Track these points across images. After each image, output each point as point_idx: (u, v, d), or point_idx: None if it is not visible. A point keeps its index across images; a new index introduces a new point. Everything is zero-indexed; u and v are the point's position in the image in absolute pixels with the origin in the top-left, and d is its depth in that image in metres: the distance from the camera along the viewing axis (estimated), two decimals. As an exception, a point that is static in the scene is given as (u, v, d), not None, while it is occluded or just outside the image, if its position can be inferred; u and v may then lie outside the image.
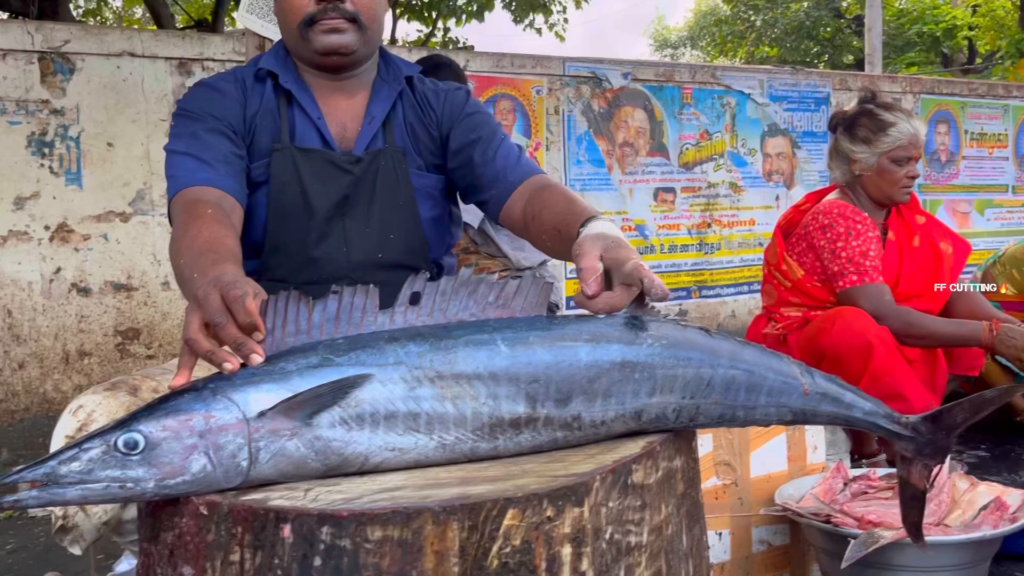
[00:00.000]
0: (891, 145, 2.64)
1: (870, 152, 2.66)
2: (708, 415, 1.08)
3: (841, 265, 2.58)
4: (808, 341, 2.58)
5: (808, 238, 2.69)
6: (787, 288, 2.75)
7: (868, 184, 2.70)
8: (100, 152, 4.11)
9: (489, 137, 1.60)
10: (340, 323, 1.01)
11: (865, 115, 2.71)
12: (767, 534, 1.89)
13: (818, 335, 2.52)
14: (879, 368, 2.40)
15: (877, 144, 2.65)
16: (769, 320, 2.83)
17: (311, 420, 0.95)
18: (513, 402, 1.00)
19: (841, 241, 2.59)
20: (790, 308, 2.75)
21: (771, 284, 2.84)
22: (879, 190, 2.69)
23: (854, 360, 2.42)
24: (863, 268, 2.55)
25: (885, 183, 2.67)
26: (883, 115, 2.68)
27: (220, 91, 1.58)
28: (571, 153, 5.48)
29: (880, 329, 2.44)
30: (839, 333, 2.45)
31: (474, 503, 0.84)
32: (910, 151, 2.65)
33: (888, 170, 2.65)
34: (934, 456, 1.17)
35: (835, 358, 2.46)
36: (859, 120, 2.71)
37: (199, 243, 1.25)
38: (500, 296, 1.06)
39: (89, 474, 0.91)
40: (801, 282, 2.71)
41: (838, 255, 2.59)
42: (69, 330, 4.08)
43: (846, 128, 2.74)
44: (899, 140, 2.64)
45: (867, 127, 2.69)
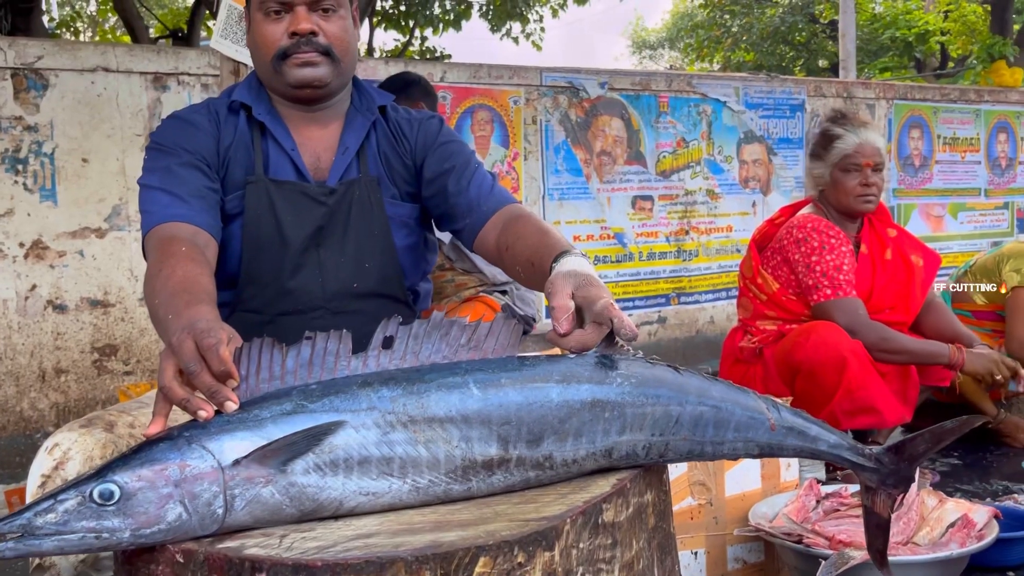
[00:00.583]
0: (838, 156, 2.73)
1: (823, 166, 2.77)
2: (677, 451, 1.11)
3: (815, 279, 2.62)
4: (783, 355, 2.62)
5: (783, 252, 2.73)
6: (762, 301, 2.79)
7: (830, 197, 2.78)
8: (75, 168, 4.08)
9: (463, 166, 1.62)
10: (314, 368, 1.03)
11: (820, 133, 2.83)
12: (742, 552, 1.92)
13: (793, 349, 2.56)
14: (853, 382, 2.44)
15: (827, 157, 2.76)
16: (745, 333, 2.86)
17: (285, 467, 0.96)
18: (485, 444, 1.01)
19: (815, 255, 2.64)
20: (766, 321, 2.79)
21: (747, 297, 2.88)
22: (839, 201, 2.76)
23: (828, 374, 2.46)
24: (837, 282, 2.60)
25: (841, 193, 2.74)
26: (833, 130, 2.78)
27: (193, 124, 1.59)
28: (549, 162, 5.51)
29: (854, 343, 2.48)
30: (814, 347, 2.49)
31: (446, 552, 0.85)
32: (858, 159, 2.71)
33: (840, 180, 2.73)
34: (897, 485, 1.20)
35: (810, 372, 2.50)
36: (815, 139, 2.84)
37: (173, 282, 1.26)
38: (472, 338, 1.07)
39: (65, 525, 0.92)
40: (776, 295, 2.75)
41: (812, 269, 2.63)
42: (45, 347, 4.05)
43: (808, 148, 2.88)
44: (844, 150, 2.72)
45: (818, 143, 2.81)
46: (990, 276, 3.19)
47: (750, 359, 2.79)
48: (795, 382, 2.57)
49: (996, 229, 7.43)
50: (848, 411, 2.45)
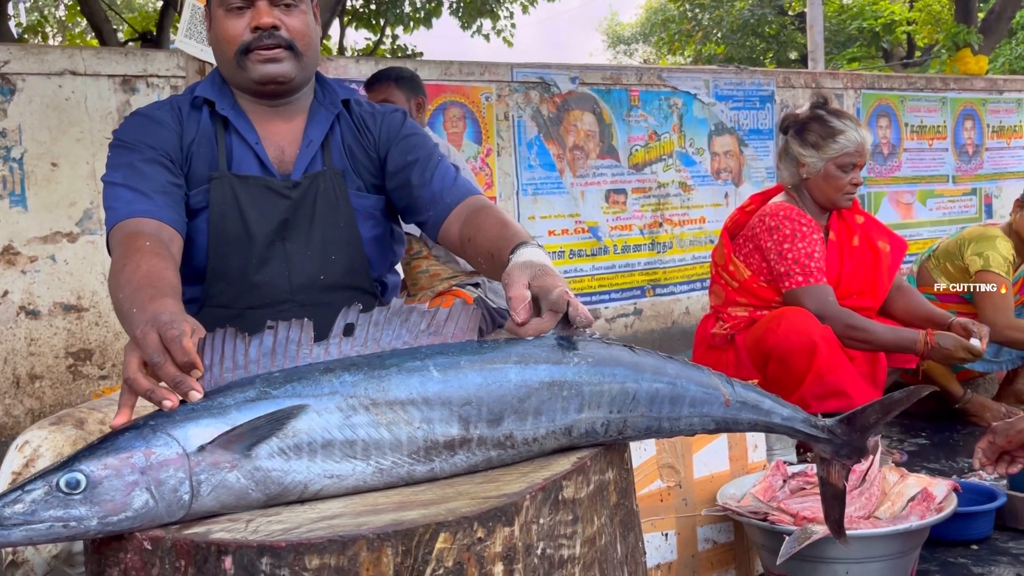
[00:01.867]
0: (838, 152, 2.72)
1: (818, 157, 2.74)
2: (635, 427, 1.14)
3: (787, 266, 2.66)
4: (755, 341, 2.66)
5: (755, 239, 2.77)
6: (734, 288, 2.83)
7: (813, 188, 2.78)
8: (44, 172, 4.06)
9: (426, 159, 1.64)
10: (276, 357, 1.05)
11: (816, 120, 2.78)
12: (712, 532, 1.96)
13: (765, 335, 2.60)
14: (823, 366, 2.49)
15: (825, 150, 2.73)
16: (717, 320, 2.90)
17: (250, 452, 0.98)
18: (447, 425, 1.04)
19: (787, 243, 2.67)
20: (737, 308, 2.83)
21: (719, 284, 2.91)
22: (823, 194, 2.77)
23: (799, 359, 2.51)
24: (808, 269, 2.64)
25: (830, 188, 2.75)
26: (833, 122, 2.75)
27: (156, 120, 1.60)
28: (522, 158, 5.53)
29: (824, 329, 2.53)
30: (785, 333, 2.53)
31: (407, 528, 0.88)
32: (856, 158, 2.73)
33: (833, 175, 2.73)
34: (851, 456, 1.24)
35: (781, 357, 2.55)
36: (810, 125, 2.79)
37: (138, 277, 1.27)
38: (431, 324, 1.10)
39: (32, 515, 0.93)
40: (748, 282, 2.79)
41: (784, 256, 2.67)
42: (19, 354, 4.02)
43: (797, 131, 2.81)
44: (846, 147, 2.72)
45: (817, 132, 2.76)
46: (952, 260, 3.25)
47: (722, 345, 2.83)
48: (767, 367, 2.62)
49: (964, 215, 7.54)
50: (818, 395, 2.49)
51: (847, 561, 1.65)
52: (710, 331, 2.90)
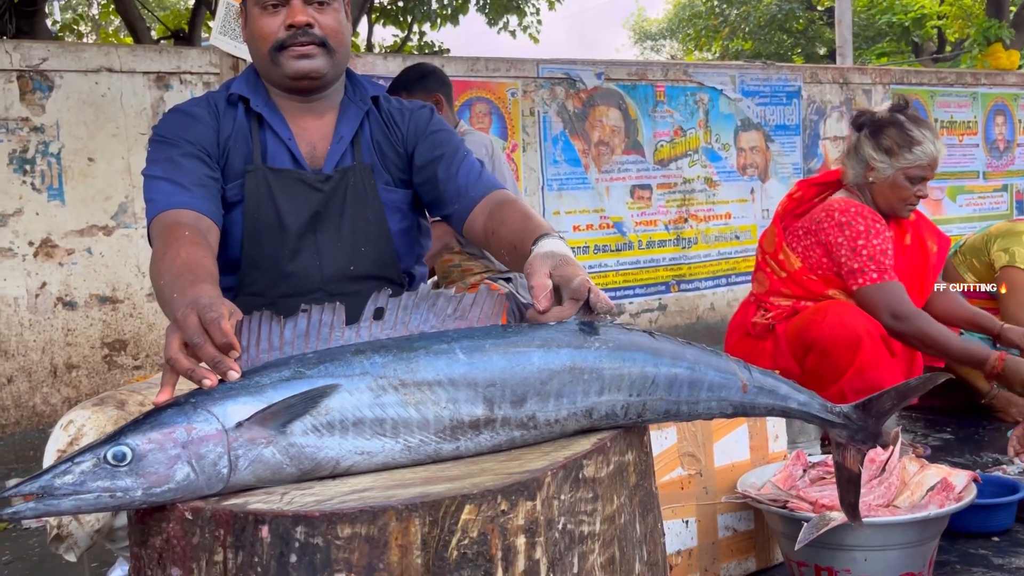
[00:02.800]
0: (911, 163, 2.64)
1: (889, 164, 2.66)
2: (654, 411, 1.17)
3: (862, 262, 2.59)
4: (796, 332, 2.64)
5: (819, 233, 2.70)
6: (780, 278, 2.78)
7: (877, 193, 2.71)
8: (81, 167, 4.17)
9: (452, 154, 1.68)
10: (310, 339, 1.09)
11: (895, 125, 2.69)
12: (732, 520, 1.99)
13: (808, 326, 2.58)
14: (866, 362, 2.47)
15: (899, 158, 2.65)
16: (759, 308, 2.85)
17: (285, 428, 1.03)
18: (472, 405, 1.08)
19: (862, 239, 2.61)
20: (780, 298, 2.78)
21: (764, 272, 2.85)
22: (886, 201, 2.70)
23: (842, 353, 2.49)
24: (883, 266, 2.59)
25: (894, 197, 2.68)
26: (912, 131, 2.67)
27: (194, 116, 1.66)
28: (547, 153, 5.57)
29: (870, 323, 2.51)
30: (830, 326, 2.51)
31: (434, 500, 0.92)
32: (926, 172, 2.67)
33: (901, 186, 2.66)
34: (866, 441, 1.26)
35: (824, 349, 2.53)
36: (887, 129, 2.70)
37: (178, 264, 1.33)
38: (458, 308, 1.14)
39: (81, 485, 0.99)
40: (797, 274, 2.74)
41: (859, 252, 2.60)
42: (56, 344, 4.13)
43: (872, 133, 2.72)
44: (920, 160, 2.65)
45: (894, 139, 2.68)
46: (978, 255, 3.24)
47: (761, 334, 2.79)
48: (806, 358, 2.59)
49: (995, 212, 7.46)
50: (858, 390, 2.45)
51: (865, 548, 1.68)
52: (751, 319, 2.85)
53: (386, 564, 0.91)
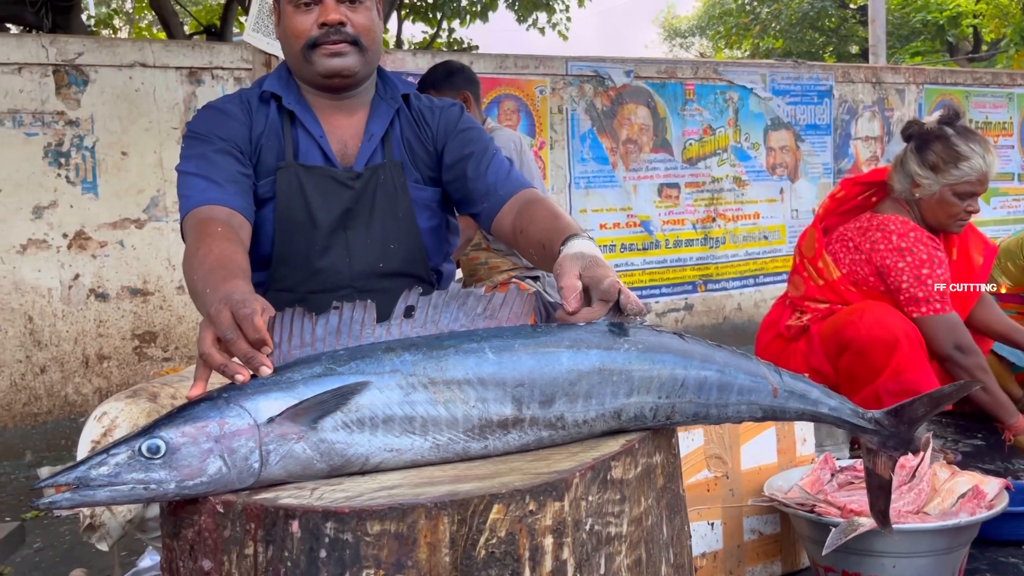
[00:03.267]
0: (958, 179, 2.57)
1: (935, 180, 2.59)
2: (683, 413, 1.17)
3: (927, 292, 2.55)
4: (832, 331, 2.60)
5: (873, 254, 2.63)
6: (818, 285, 2.74)
7: (925, 209, 2.65)
8: (115, 161, 4.22)
9: (481, 152, 1.69)
10: (341, 336, 1.10)
11: (941, 140, 2.61)
12: (758, 523, 1.97)
13: (844, 326, 2.54)
14: (902, 364, 2.44)
15: (945, 175, 2.57)
16: (794, 312, 2.82)
17: (316, 424, 1.04)
18: (501, 404, 1.09)
19: (926, 268, 2.56)
20: (816, 303, 2.75)
21: (800, 276, 2.80)
22: (934, 217, 2.65)
23: (879, 354, 2.46)
24: (947, 298, 2.56)
25: (943, 214, 2.62)
26: (960, 147, 2.58)
27: (227, 113, 1.67)
28: (575, 151, 5.56)
29: (907, 325, 2.48)
30: (868, 326, 2.47)
31: (463, 499, 0.92)
32: (976, 187, 2.59)
33: (948, 202, 2.60)
34: (898, 447, 1.25)
35: (860, 350, 2.49)
36: (933, 144, 2.62)
37: (211, 260, 1.34)
38: (487, 308, 1.15)
39: (116, 477, 1.00)
40: (835, 283, 2.69)
41: (923, 281, 2.55)
42: (88, 335, 4.19)
43: (918, 147, 2.65)
44: (968, 176, 2.57)
45: (939, 155, 2.60)
46: (1014, 259, 3.19)
47: (795, 335, 2.76)
48: (840, 358, 2.56)
49: (1030, 214, 7.34)
50: (893, 392, 2.43)
51: (894, 555, 1.66)
52: (785, 323, 2.81)
53: (415, 561, 0.92)
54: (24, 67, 4.03)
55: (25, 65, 4.03)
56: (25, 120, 4.03)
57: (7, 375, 4.04)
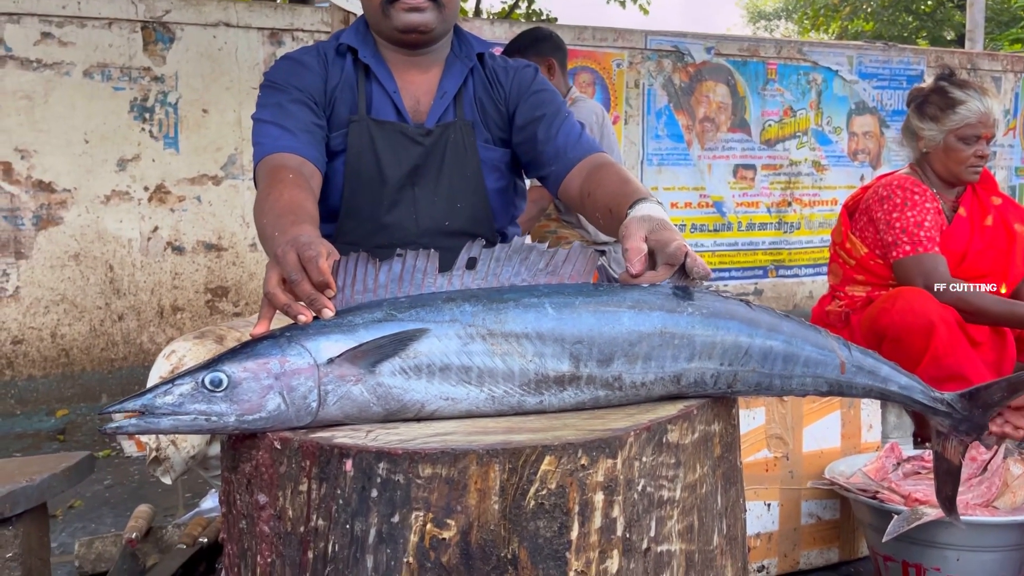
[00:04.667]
0: (959, 123, 2.62)
1: (937, 129, 2.65)
2: (745, 382, 1.14)
3: (895, 235, 2.59)
4: (869, 321, 2.59)
5: (868, 211, 2.71)
6: (851, 266, 2.76)
7: (935, 162, 2.69)
8: (196, 118, 4.32)
9: (553, 115, 1.67)
10: (403, 283, 1.11)
11: (937, 92, 2.69)
12: (817, 508, 1.93)
13: (879, 315, 2.52)
14: (940, 348, 2.39)
15: (944, 121, 2.64)
16: (833, 298, 2.84)
17: (374, 368, 1.04)
18: (558, 360, 1.08)
19: (897, 212, 2.61)
20: (855, 287, 2.76)
21: (836, 263, 2.85)
22: (946, 168, 2.67)
23: (915, 340, 2.42)
24: (917, 238, 2.55)
25: (952, 161, 2.65)
26: (954, 92, 2.65)
27: (304, 64, 1.69)
28: (650, 127, 5.47)
29: (943, 309, 2.43)
30: (900, 313, 2.45)
31: (515, 448, 0.92)
32: (979, 130, 2.62)
33: (954, 148, 2.64)
34: (969, 433, 1.20)
35: (896, 337, 2.46)
36: (930, 97, 2.71)
37: (280, 205, 1.36)
38: (550, 263, 1.13)
39: (180, 407, 1.03)
40: (864, 259, 2.72)
41: (892, 225, 2.60)
42: (164, 286, 4.33)
43: (917, 105, 2.74)
44: (967, 118, 2.61)
45: (936, 104, 2.68)
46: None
47: (837, 324, 2.77)
48: (881, 348, 2.54)
49: None
50: (935, 378, 2.40)
51: (959, 548, 1.60)
52: (825, 309, 2.84)
53: (464, 507, 0.92)
54: (114, 22, 4.15)
55: (115, 20, 4.15)
56: (113, 74, 4.15)
57: (87, 320, 4.20)
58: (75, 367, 4.21)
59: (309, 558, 0.98)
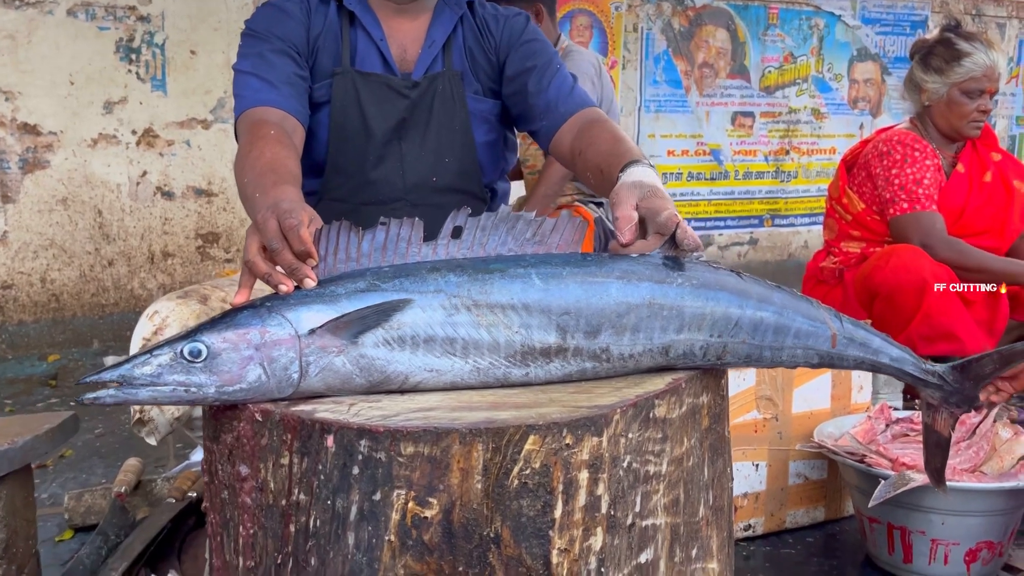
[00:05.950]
0: (963, 76, 2.57)
1: (941, 82, 2.60)
2: (735, 354, 1.12)
3: (893, 192, 2.55)
4: (863, 278, 2.58)
5: (867, 167, 2.67)
6: (847, 222, 2.74)
7: (936, 115, 2.64)
8: (183, 59, 4.22)
9: (544, 66, 1.62)
10: (387, 252, 1.08)
11: (942, 44, 2.63)
12: (804, 468, 1.94)
13: (872, 272, 2.51)
14: (933, 307, 2.38)
15: (949, 74, 2.59)
16: (828, 254, 2.82)
17: (357, 339, 1.02)
18: (544, 332, 1.05)
19: (896, 168, 2.56)
20: (850, 243, 2.74)
21: (833, 218, 2.82)
22: (947, 122, 2.63)
23: (908, 298, 2.41)
24: (915, 195, 2.52)
25: (954, 115, 2.61)
26: (960, 44, 2.59)
27: (285, 12, 1.63)
28: (648, 73, 5.37)
29: (937, 267, 2.42)
30: (893, 271, 2.44)
31: (498, 427, 0.90)
32: (983, 84, 2.57)
33: (958, 102, 2.59)
34: (960, 405, 1.19)
35: (888, 295, 2.45)
36: (935, 49, 2.64)
37: (262, 163, 1.32)
38: (537, 233, 1.10)
39: (159, 377, 1.01)
40: (861, 215, 2.69)
41: (891, 182, 2.56)
42: (154, 231, 4.28)
43: (922, 56, 2.68)
44: (972, 71, 2.56)
45: (941, 56, 2.62)
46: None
47: (830, 280, 2.75)
48: (873, 306, 2.53)
49: None
50: (926, 336, 2.40)
51: (944, 512, 1.61)
52: (819, 264, 2.82)
53: (446, 486, 0.91)
54: (97, -41, 4.02)
55: (98, -43, 4.02)
56: (98, 13, 4.04)
57: (76, 266, 4.16)
58: (66, 312, 4.18)
59: (291, 532, 0.97)
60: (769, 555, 1.86)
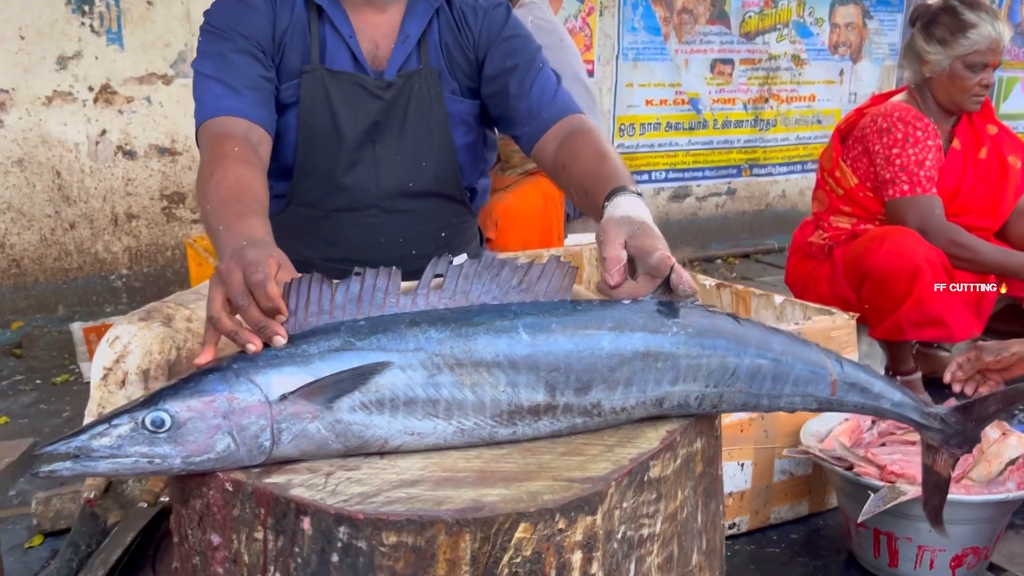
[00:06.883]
0: (968, 49, 2.46)
1: (944, 54, 2.49)
2: (731, 402, 1.07)
3: (894, 173, 2.47)
4: (853, 259, 2.52)
5: (864, 141, 2.57)
6: (839, 196, 2.66)
7: (937, 88, 2.54)
8: (140, 11, 4.00)
9: (526, 66, 1.52)
10: (362, 304, 1.00)
11: (947, 12, 2.52)
12: (790, 465, 1.92)
13: (864, 254, 2.45)
14: (924, 293, 2.34)
15: (953, 46, 2.48)
16: (816, 228, 2.75)
17: (332, 404, 0.96)
18: (532, 390, 0.99)
19: (898, 147, 2.47)
20: (840, 218, 2.67)
21: (823, 191, 2.75)
22: (948, 96, 2.54)
23: (899, 283, 2.37)
24: (916, 178, 2.45)
25: (955, 89, 2.51)
26: (966, 15, 2.48)
27: (249, 5, 1.51)
28: (626, 19, 5.21)
29: (930, 252, 2.37)
30: (886, 255, 2.38)
31: (487, 516, 0.85)
32: (988, 57, 2.47)
33: (960, 76, 2.49)
34: (962, 446, 1.15)
35: (879, 279, 2.41)
36: (939, 18, 2.53)
37: (224, 188, 1.23)
38: (523, 280, 1.03)
39: (119, 449, 0.94)
40: (853, 191, 2.61)
41: (892, 162, 2.48)
42: (116, 193, 4.12)
43: (924, 25, 2.56)
44: (977, 44, 2.46)
45: (946, 26, 2.50)
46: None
47: (819, 256, 2.70)
48: (863, 287, 2.49)
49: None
50: (915, 322, 2.37)
51: (931, 520, 1.60)
52: (808, 239, 2.76)
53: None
54: (42, -97, 3.76)
55: (43, -100, 3.76)
56: (46, -38, 3.81)
57: (36, 229, 4.01)
58: (27, 278, 4.05)
59: (267, 612, 0.92)
60: (753, 554, 1.85)
